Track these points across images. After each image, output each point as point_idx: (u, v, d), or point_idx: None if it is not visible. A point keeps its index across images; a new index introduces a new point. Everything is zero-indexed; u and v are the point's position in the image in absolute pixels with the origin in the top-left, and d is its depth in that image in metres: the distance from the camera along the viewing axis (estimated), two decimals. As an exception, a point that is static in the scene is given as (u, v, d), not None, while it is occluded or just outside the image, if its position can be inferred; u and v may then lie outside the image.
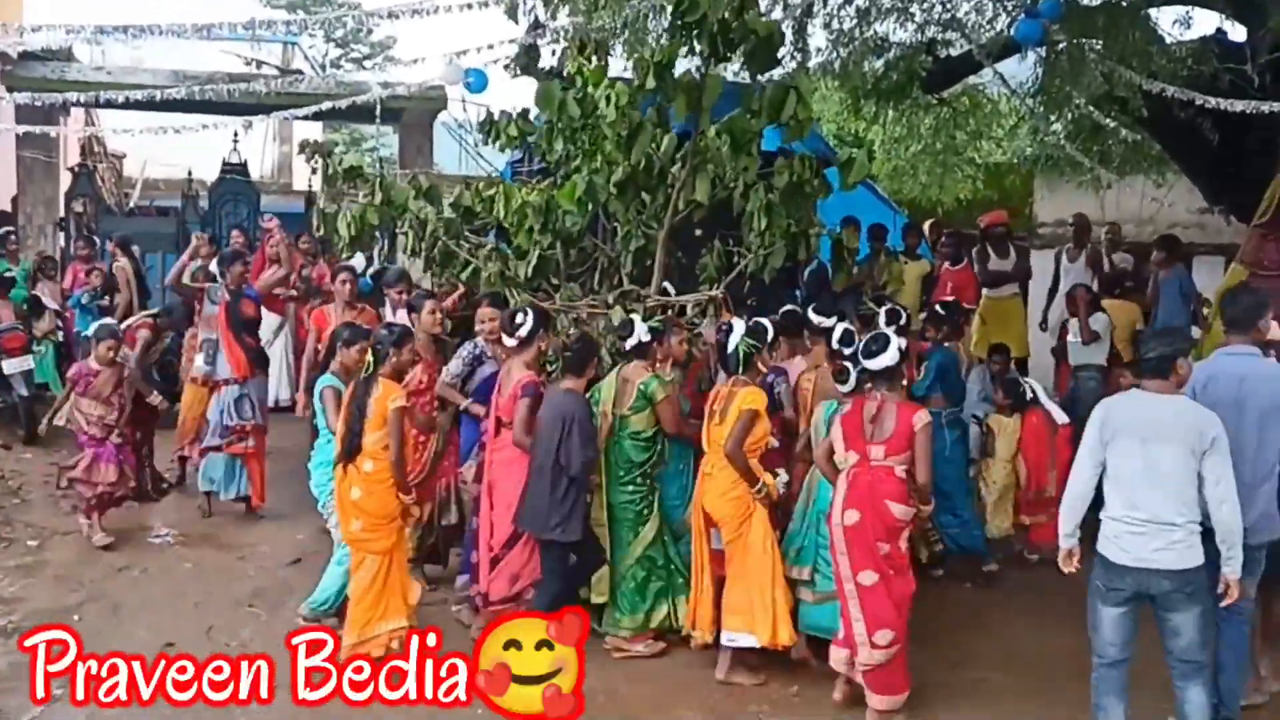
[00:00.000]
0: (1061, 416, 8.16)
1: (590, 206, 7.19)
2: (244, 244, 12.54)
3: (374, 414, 5.86)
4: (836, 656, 5.66)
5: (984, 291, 11.19)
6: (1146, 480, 4.77)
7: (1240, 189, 9.42)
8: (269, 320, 12.15)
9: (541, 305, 6.87)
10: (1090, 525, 5.06)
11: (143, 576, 7.43)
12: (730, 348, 5.98)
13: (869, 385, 5.70)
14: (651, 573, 6.29)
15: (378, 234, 11.13)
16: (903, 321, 7.26)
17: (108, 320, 8.05)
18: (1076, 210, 12.49)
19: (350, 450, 5.88)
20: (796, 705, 5.84)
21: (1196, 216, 12.31)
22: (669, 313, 6.97)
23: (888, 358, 5.55)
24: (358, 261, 10.15)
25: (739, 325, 6.06)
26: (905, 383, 6.14)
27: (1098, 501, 5.00)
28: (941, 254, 10.86)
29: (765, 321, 6.27)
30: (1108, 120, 10.14)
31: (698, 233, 7.85)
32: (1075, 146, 11.85)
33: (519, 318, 6.34)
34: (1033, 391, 8.26)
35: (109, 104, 11.58)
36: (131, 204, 17.48)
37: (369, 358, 5.98)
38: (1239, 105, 7.77)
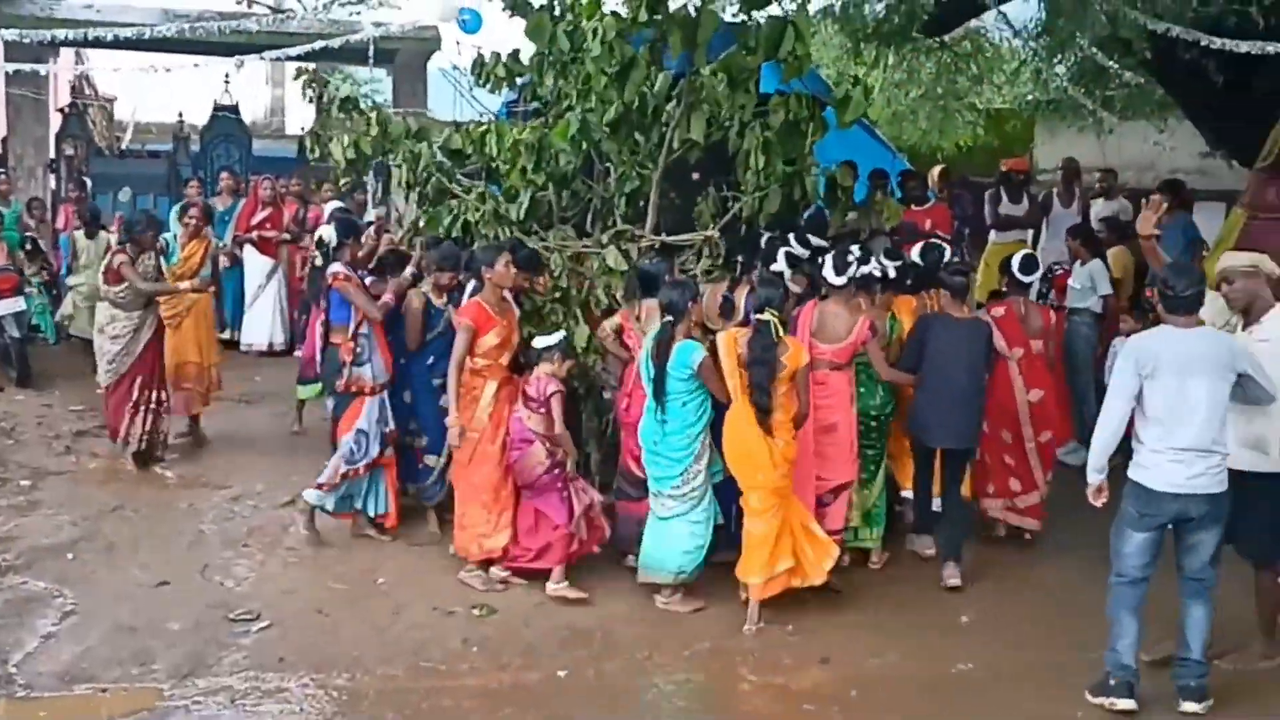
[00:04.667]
0: None
1: (584, 146, 7.08)
2: (235, 186, 12.46)
3: (788, 370, 5.93)
4: (994, 505, 7.25)
5: (991, 236, 11.19)
6: (1186, 411, 4.94)
7: (1243, 133, 9.30)
8: (261, 263, 12.16)
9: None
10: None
11: (136, 515, 7.40)
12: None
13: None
14: None
15: (370, 176, 11.03)
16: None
17: (560, 336, 6.48)
18: (1079, 156, 12.39)
19: (766, 408, 5.89)
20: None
21: (1198, 161, 12.19)
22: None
23: (1038, 273, 7.53)
24: (336, 207, 10.05)
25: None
26: None
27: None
28: (909, 197, 10.71)
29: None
30: (1111, 63, 10.02)
31: (694, 176, 7.75)
32: (1077, 90, 11.74)
33: (849, 257, 6.52)
34: None
35: (98, 42, 11.40)
36: (123, 147, 17.32)
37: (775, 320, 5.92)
38: (1244, 46, 7.65)
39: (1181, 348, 4.98)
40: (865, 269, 6.73)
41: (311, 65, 8.66)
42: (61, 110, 14.94)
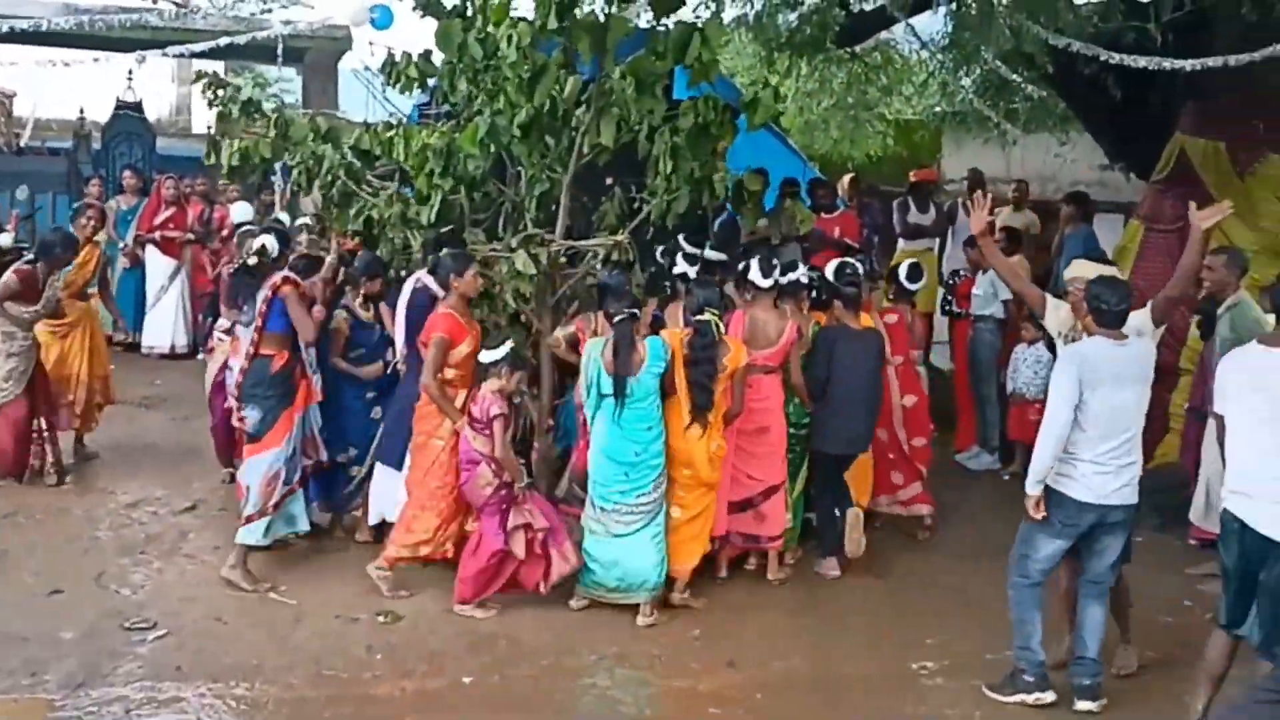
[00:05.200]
0: None
1: (493, 149, 7.03)
2: (138, 185, 12.17)
3: (728, 370, 6.19)
4: (881, 502, 7.52)
5: (899, 244, 11.44)
6: (1115, 422, 5.05)
7: (1140, 146, 9.57)
8: (163, 264, 11.90)
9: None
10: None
11: (30, 522, 7.18)
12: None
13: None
14: None
15: (276, 177, 10.84)
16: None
17: (507, 348, 6.22)
18: (984, 167, 12.69)
19: (707, 406, 6.11)
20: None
21: (1098, 174, 12.50)
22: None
23: (923, 281, 7.94)
24: (242, 210, 9.82)
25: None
26: None
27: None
28: (818, 205, 10.92)
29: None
30: (1014, 76, 10.25)
31: (608, 180, 7.74)
32: (983, 102, 12.00)
33: (773, 260, 6.75)
34: None
35: (-8, 34, 11.06)
36: (22, 143, 16.82)
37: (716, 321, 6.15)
38: (1142, 61, 7.85)
39: (1115, 357, 5.07)
40: (794, 275, 6.87)
41: (211, 68, 8.42)
42: (-44, 105, 14.48)
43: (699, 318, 6.14)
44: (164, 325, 11.89)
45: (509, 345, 6.28)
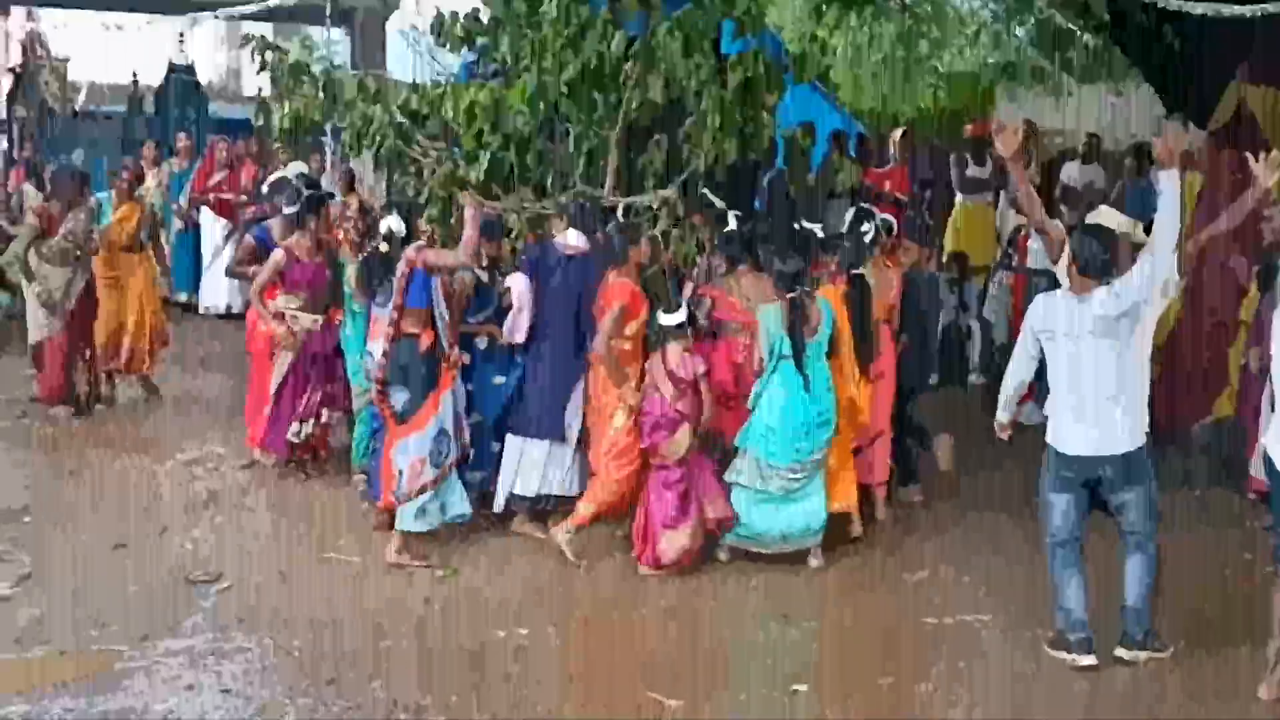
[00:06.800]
0: None
1: (541, 107, 7.04)
2: (192, 147, 12.31)
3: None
4: None
5: (958, 198, 11.38)
6: (1079, 374, 5.01)
7: (1200, 95, 9.36)
8: (219, 226, 12.03)
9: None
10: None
11: (92, 479, 7.35)
12: None
13: None
14: None
15: (327, 139, 10.92)
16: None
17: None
18: (1039, 119, 12.48)
19: (870, 357, 6.62)
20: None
21: (1157, 125, 12.27)
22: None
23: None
24: (296, 170, 9.91)
25: None
26: None
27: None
28: (868, 160, 10.87)
29: None
30: (1070, 25, 10.07)
31: (656, 137, 7.71)
32: (1039, 53, 11.82)
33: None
34: None
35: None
36: (77, 108, 17.01)
37: None
38: (1199, 8, 7.68)
39: (1071, 310, 5.01)
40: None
41: (260, 31, 8.50)
42: (12, 70, 14.66)
43: (854, 271, 6.58)
44: (219, 286, 12.06)
45: (685, 308, 6.27)
